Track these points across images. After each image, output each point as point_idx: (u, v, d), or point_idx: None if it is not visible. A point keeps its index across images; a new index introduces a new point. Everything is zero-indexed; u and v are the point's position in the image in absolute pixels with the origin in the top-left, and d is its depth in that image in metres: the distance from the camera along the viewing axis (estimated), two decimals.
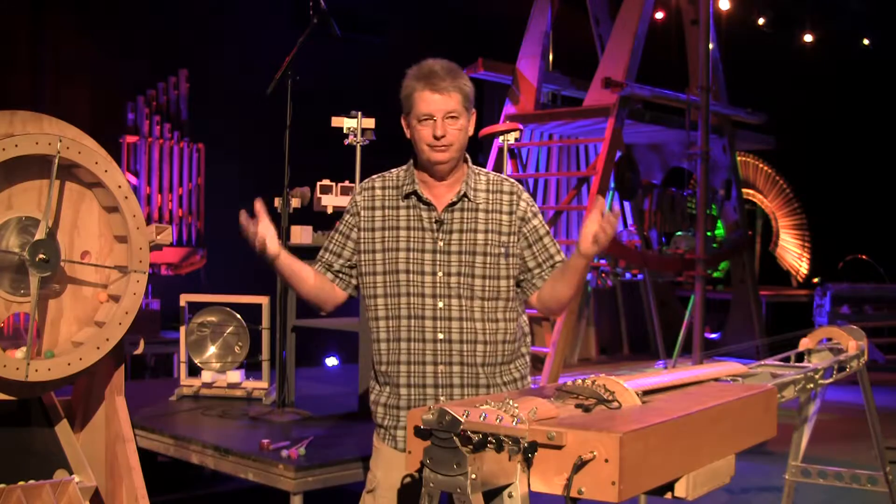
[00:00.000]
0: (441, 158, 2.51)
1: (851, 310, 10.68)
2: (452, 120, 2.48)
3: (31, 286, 2.89)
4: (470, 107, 2.54)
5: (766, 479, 5.31)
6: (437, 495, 1.69)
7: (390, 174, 2.65)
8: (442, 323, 2.52)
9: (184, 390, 4.71)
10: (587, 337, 9.69)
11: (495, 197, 2.59)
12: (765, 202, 13.42)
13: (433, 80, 2.46)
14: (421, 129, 2.49)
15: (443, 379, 2.54)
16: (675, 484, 1.83)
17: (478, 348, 2.54)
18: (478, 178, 2.61)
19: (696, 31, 8.80)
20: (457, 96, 2.48)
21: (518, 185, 2.65)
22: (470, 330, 2.53)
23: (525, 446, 1.65)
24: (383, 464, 2.60)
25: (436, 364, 2.53)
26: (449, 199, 2.56)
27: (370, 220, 2.60)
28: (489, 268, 2.54)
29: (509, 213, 2.58)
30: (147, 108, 7.82)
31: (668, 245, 9.76)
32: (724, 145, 10.07)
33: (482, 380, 2.55)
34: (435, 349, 2.53)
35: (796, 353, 3.39)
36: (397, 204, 2.59)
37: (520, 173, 9.29)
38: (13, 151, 2.83)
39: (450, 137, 2.48)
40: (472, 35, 9.87)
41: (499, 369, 2.58)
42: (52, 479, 3.02)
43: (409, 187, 2.57)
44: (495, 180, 2.62)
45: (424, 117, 2.47)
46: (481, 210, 2.57)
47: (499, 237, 2.56)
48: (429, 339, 2.53)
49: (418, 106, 2.48)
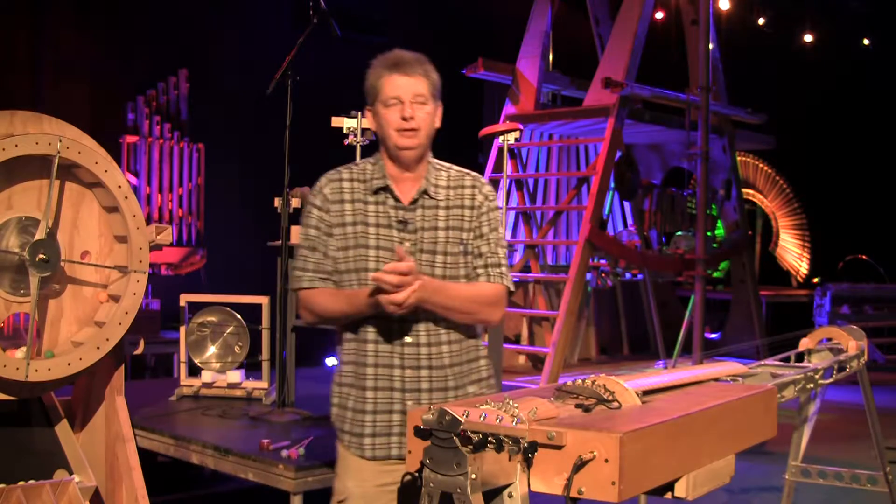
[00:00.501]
0: (409, 143, 2.41)
1: (851, 310, 10.69)
2: (420, 105, 2.40)
3: (31, 286, 2.89)
4: (437, 96, 2.46)
5: (766, 479, 5.30)
6: (437, 495, 1.69)
7: (357, 166, 2.54)
8: (408, 325, 2.43)
9: (184, 390, 4.71)
10: (587, 337, 9.69)
11: (456, 192, 2.50)
12: (765, 202, 13.42)
13: (401, 65, 2.40)
14: (387, 113, 2.41)
15: (410, 383, 2.44)
16: (675, 484, 1.83)
17: (443, 349, 2.46)
18: (438, 174, 2.51)
19: (696, 31, 8.81)
20: (425, 82, 2.41)
21: (481, 178, 2.55)
22: (434, 331, 2.45)
23: (525, 446, 1.65)
24: (353, 473, 2.49)
25: (403, 368, 2.44)
26: (412, 196, 2.46)
27: (340, 214, 2.48)
28: (449, 267, 2.46)
29: (470, 207, 2.50)
30: (147, 108, 7.82)
31: (668, 245, 9.76)
32: (724, 145, 10.07)
33: (450, 381, 2.47)
34: (402, 352, 2.44)
35: (796, 353, 3.39)
36: (365, 198, 2.47)
37: (520, 173, 9.29)
38: (13, 151, 2.83)
39: (418, 121, 2.40)
40: (472, 35, 9.87)
41: (466, 368, 2.51)
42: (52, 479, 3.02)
43: (379, 182, 2.47)
44: (456, 175, 2.53)
45: (392, 101, 2.39)
46: (441, 207, 2.48)
47: (459, 234, 2.48)
48: (395, 341, 2.43)
49: (385, 90, 2.40)
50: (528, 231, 9.23)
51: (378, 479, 2.46)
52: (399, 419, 2.44)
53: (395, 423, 2.44)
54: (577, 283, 7.91)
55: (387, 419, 2.45)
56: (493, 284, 2.49)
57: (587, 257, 8.10)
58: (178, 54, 8.08)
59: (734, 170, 10.30)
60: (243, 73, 8.02)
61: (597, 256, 8.80)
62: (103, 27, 7.88)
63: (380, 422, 2.45)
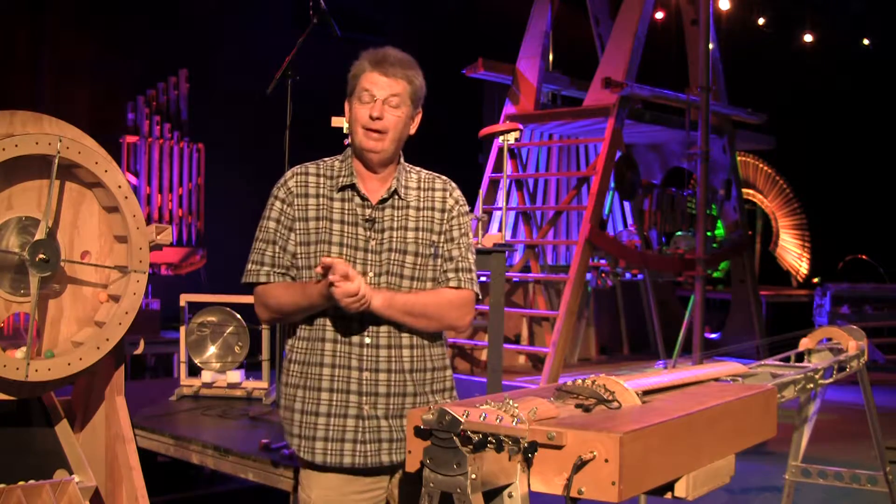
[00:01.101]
0: (373, 146, 2.36)
1: (851, 310, 10.69)
2: (393, 107, 2.35)
3: (31, 286, 2.89)
4: (417, 102, 2.41)
5: (766, 479, 5.31)
6: (437, 495, 1.69)
7: (324, 162, 2.49)
8: (369, 326, 2.36)
9: (184, 390, 4.71)
10: (587, 337, 9.70)
11: (427, 194, 2.46)
12: (765, 202, 13.42)
13: (384, 63, 2.35)
14: (359, 108, 2.36)
15: (368, 386, 2.35)
16: (675, 484, 1.83)
17: (404, 353, 2.38)
18: (409, 176, 2.47)
19: (696, 31, 8.81)
20: (403, 84, 2.36)
21: (451, 182, 2.51)
22: (396, 334, 2.37)
23: (525, 446, 1.65)
24: (315, 483, 2.40)
25: (361, 370, 2.36)
26: (381, 195, 2.42)
27: (303, 208, 2.41)
28: (418, 269, 2.41)
29: (441, 210, 2.46)
30: (147, 108, 7.82)
31: (668, 245, 9.77)
32: (724, 145, 10.07)
33: (409, 387, 2.39)
34: (361, 354, 2.36)
35: (796, 353, 3.39)
36: (331, 195, 2.42)
37: (520, 173, 9.29)
38: (13, 151, 2.83)
39: (386, 122, 2.34)
40: (472, 35, 9.88)
41: (428, 376, 2.43)
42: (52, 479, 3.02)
43: (346, 179, 2.42)
44: (427, 178, 2.49)
45: (365, 97, 2.35)
46: (412, 207, 2.43)
47: (430, 235, 2.43)
48: (355, 342, 2.36)
49: (361, 84, 2.36)
50: (528, 231, 9.23)
51: (342, 486, 2.38)
52: (353, 424, 2.36)
53: (349, 429, 2.36)
54: (577, 283, 7.91)
55: (341, 423, 2.36)
56: (461, 290, 2.43)
57: (587, 257, 8.10)
58: (178, 54, 8.08)
59: (734, 170, 10.30)
60: (243, 73, 8.02)
61: (597, 256, 8.80)
62: (103, 27, 7.89)
63: (333, 426, 2.36)
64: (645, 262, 9.04)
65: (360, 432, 2.36)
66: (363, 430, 2.36)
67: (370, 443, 2.36)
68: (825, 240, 13.00)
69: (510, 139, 6.64)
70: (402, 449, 2.38)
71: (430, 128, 2.83)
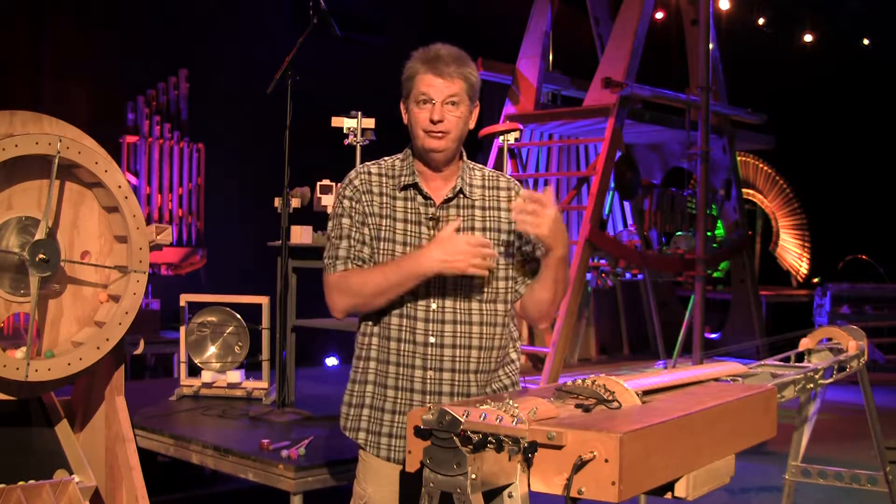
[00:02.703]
0: (436, 146, 2.35)
1: (851, 310, 10.68)
2: (452, 106, 2.34)
3: (31, 286, 2.89)
4: (474, 97, 2.39)
5: (766, 479, 5.30)
6: (437, 495, 1.69)
7: (385, 162, 2.49)
8: (434, 325, 2.36)
9: (184, 390, 4.71)
10: (587, 337, 9.69)
11: (492, 193, 2.46)
12: (765, 202, 13.42)
13: (437, 64, 2.32)
14: (418, 112, 2.35)
15: (432, 385, 2.37)
16: (675, 484, 1.83)
17: (472, 354, 2.38)
18: (473, 174, 2.46)
19: (696, 31, 8.80)
20: (460, 83, 2.34)
21: (515, 181, 2.52)
22: (464, 334, 2.38)
23: (525, 446, 1.65)
24: (372, 477, 2.44)
25: (425, 369, 2.37)
26: (445, 195, 2.41)
27: (371, 204, 2.41)
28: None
29: (507, 210, 2.43)
30: (147, 108, 7.82)
31: (668, 245, 9.77)
32: (724, 145, 10.07)
33: (473, 388, 2.39)
34: (425, 353, 2.37)
35: (796, 353, 3.39)
36: (394, 193, 2.42)
37: (520, 173, 9.29)
38: (13, 151, 2.83)
39: (447, 124, 2.33)
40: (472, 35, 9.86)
41: (491, 376, 2.44)
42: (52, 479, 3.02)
43: (407, 178, 2.41)
44: (491, 176, 2.49)
45: (423, 100, 2.33)
46: (478, 207, 2.43)
47: (498, 235, 2.42)
48: (419, 341, 2.37)
49: (418, 87, 2.34)
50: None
51: (399, 483, 2.40)
52: None
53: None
54: (577, 283, 7.91)
55: (405, 421, 2.36)
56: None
57: (587, 257, 8.10)
58: (178, 54, 8.08)
59: (734, 170, 10.30)
60: (243, 73, 8.02)
61: (597, 256, 8.80)
62: (103, 27, 7.88)
63: (398, 423, 2.39)
64: (645, 262, 9.04)
65: None
66: None
67: None
68: (825, 240, 13.00)
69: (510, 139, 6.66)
70: None
71: None
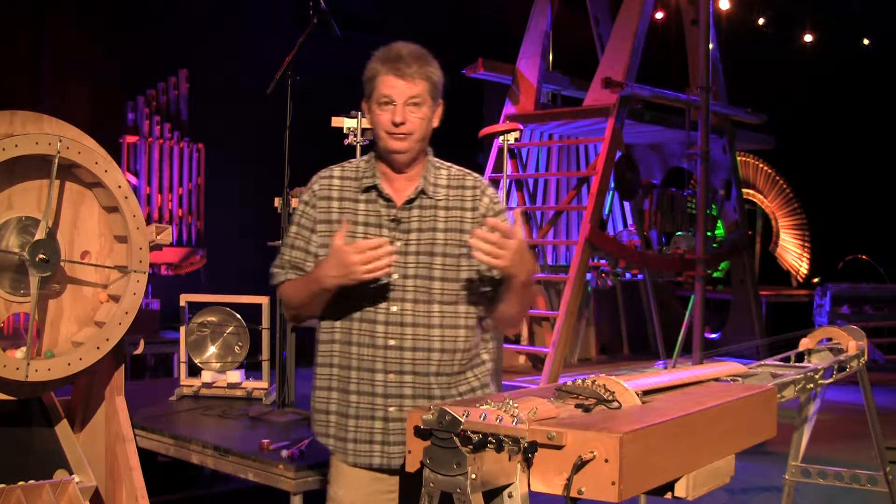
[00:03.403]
0: (399, 147, 2.33)
1: (851, 310, 10.68)
2: (415, 107, 2.32)
3: (31, 286, 2.89)
4: (437, 96, 2.38)
5: (766, 479, 5.30)
6: (437, 495, 1.69)
7: (350, 164, 2.48)
8: (393, 328, 2.35)
9: (184, 390, 4.70)
10: (587, 337, 9.69)
11: (456, 193, 2.42)
12: (765, 202, 13.42)
13: (398, 64, 2.31)
14: (380, 114, 2.33)
15: (392, 389, 2.36)
16: (675, 484, 1.83)
17: (432, 356, 2.36)
18: (438, 173, 2.43)
19: (696, 31, 8.80)
20: (422, 83, 2.32)
21: (483, 180, 2.46)
22: (424, 336, 2.35)
23: (525, 446, 1.65)
24: (343, 481, 2.44)
25: (385, 372, 2.36)
26: (408, 195, 2.39)
27: (326, 210, 2.41)
28: (448, 269, 2.37)
29: (472, 209, 2.40)
30: (147, 108, 7.82)
31: (668, 245, 9.77)
32: (724, 145, 10.07)
33: (435, 390, 2.37)
34: (385, 356, 2.35)
35: (796, 353, 3.39)
36: (355, 196, 2.41)
37: (520, 173, 9.29)
38: (13, 151, 2.83)
39: (410, 125, 2.32)
40: (472, 35, 9.87)
41: (454, 379, 2.40)
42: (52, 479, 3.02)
43: (369, 180, 2.40)
44: (457, 174, 2.45)
45: (385, 101, 2.32)
46: (441, 207, 2.40)
47: (459, 236, 2.37)
48: (379, 344, 2.35)
49: (380, 89, 2.32)
50: (529, 231, 9.22)
51: (370, 486, 2.41)
52: (381, 426, 2.38)
53: (377, 430, 2.38)
54: (577, 283, 7.91)
55: (368, 425, 2.38)
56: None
57: (587, 257, 8.10)
58: (178, 54, 8.09)
59: (734, 170, 10.30)
60: (243, 73, 8.02)
61: (597, 256, 8.80)
62: (103, 27, 7.88)
63: (362, 427, 2.39)
64: (645, 262, 9.04)
65: (387, 434, 2.38)
66: (389, 433, 2.38)
67: (396, 444, 2.38)
68: (825, 240, 13.00)
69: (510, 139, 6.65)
70: None
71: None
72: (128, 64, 7.91)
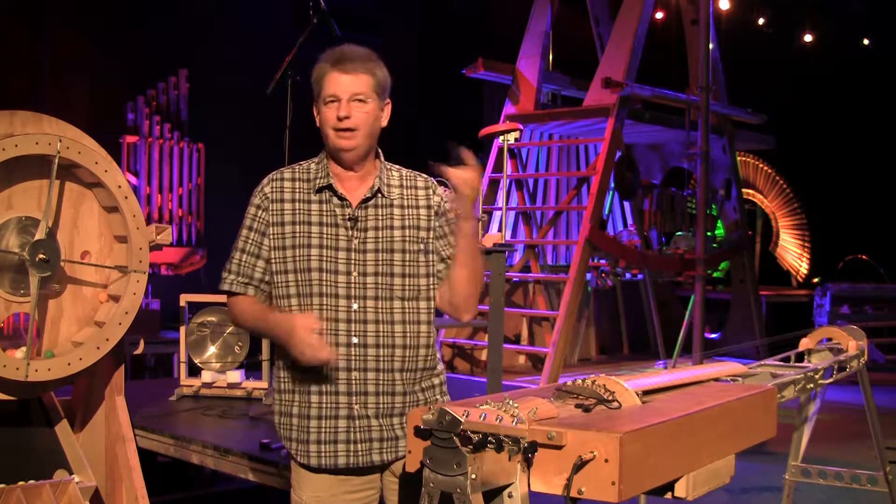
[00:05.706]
0: (345, 145, 2.37)
1: (851, 310, 10.69)
2: (359, 103, 2.35)
3: (31, 286, 2.89)
4: (383, 95, 2.41)
5: (766, 479, 5.30)
6: (437, 495, 1.69)
7: (300, 166, 2.50)
8: (356, 326, 2.36)
9: (184, 390, 4.71)
10: (587, 337, 9.70)
11: (410, 192, 2.47)
12: (765, 202, 13.43)
13: (343, 62, 2.35)
14: (326, 111, 2.38)
15: (357, 386, 2.36)
16: (675, 484, 1.83)
17: (396, 353, 2.37)
18: (390, 174, 2.48)
19: (696, 31, 8.81)
20: (366, 79, 2.36)
21: (432, 180, 2.51)
22: (387, 333, 2.37)
23: (525, 446, 1.65)
24: (307, 485, 2.42)
25: (349, 370, 2.35)
26: (362, 195, 2.41)
27: (279, 213, 2.42)
28: (408, 265, 2.40)
29: (426, 206, 2.46)
30: (147, 108, 7.82)
31: (668, 245, 9.77)
32: (724, 145, 10.08)
33: (398, 387, 2.38)
34: (349, 353, 2.35)
35: (796, 353, 3.38)
36: (308, 198, 2.42)
37: (520, 173, 9.29)
38: (13, 151, 2.83)
39: (355, 120, 2.35)
40: (472, 35, 9.87)
41: (419, 375, 2.42)
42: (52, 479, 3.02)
43: (322, 181, 2.42)
44: (409, 175, 2.50)
45: (330, 99, 2.36)
46: (396, 206, 2.43)
47: (417, 232, 2.42)
48: (342, 342, 2.35)
49: (326, 88, 2.37)
50: (528, 231, 9.23)
51: (333, 487, 2.40)
52: (345, 425, 2.37)
53: (341, 429, 2.37)
54: (577, 283, 7.91)
55: (332, 425, 2.37)
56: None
57: (587, 257, 8.10)
58: (178, 54, 8.08)
59: (734, 170, 10.31)
60: (243, 73, 8.02)
61: (597, 256, 8.81)
62: (103, 27, 7.88)
63: (325, 428, 2.37)
64: (645, 262, 9.04)
65: (351, 432, 2.37)
66: (354, 430, 2.37)
67: (361, 442, 2.38)
68: (825, 240, 13.00)
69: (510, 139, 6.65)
70: (392, 448, 2.39)
71: (430, 128, 2.82)
72: (128, 64, 7.91)
